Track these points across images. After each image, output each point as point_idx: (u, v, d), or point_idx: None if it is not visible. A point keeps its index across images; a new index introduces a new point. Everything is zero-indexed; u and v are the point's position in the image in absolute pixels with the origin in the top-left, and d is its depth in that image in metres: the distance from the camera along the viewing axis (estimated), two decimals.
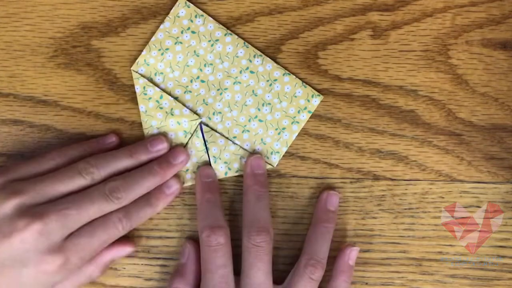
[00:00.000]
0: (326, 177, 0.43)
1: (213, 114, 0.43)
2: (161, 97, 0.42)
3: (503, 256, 0.43)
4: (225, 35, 0.42)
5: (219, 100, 0.42)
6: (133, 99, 0.43)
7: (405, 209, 0.43)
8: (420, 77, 0.43)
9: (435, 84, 0.43)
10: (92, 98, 0.43)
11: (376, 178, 0.43)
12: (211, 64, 0.42)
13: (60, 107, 0.43)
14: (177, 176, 0.42)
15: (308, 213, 0.43)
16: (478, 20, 0.43)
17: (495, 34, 0.43)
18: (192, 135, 0.42)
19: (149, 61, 0.42)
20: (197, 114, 0.42)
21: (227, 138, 0.43)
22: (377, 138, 0.43)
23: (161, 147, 0.41)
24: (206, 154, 0.43)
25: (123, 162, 0.40)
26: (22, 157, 0.43)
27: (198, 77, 0.42)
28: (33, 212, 0.36)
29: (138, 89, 0.42)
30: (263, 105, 0.43)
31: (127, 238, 0.42)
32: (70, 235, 0.37)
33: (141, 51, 0.43)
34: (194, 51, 0.42)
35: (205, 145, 0.42)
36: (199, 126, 0.42)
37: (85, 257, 0.38)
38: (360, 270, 0.43)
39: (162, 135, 0.42)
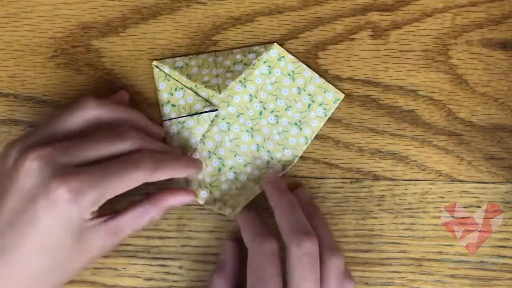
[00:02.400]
0: (326, 177, 0.43)
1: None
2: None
3: (503, 256, 0.43)
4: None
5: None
6: (133, 99, 0.43)
7: (405, 209, 0.43)
8: (420, 77, 0.43)
9: (435, 84, 0.43)
10: None
11: (376, 178, 0.43)
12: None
13: (60, 107, 0.43)
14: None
15: None
16: (478, 20, 0.43)
17: (495, 34, 0.43)
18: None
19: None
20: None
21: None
22: (377, 138, 0.43)
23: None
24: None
25: None
26: None
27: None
28: (36, 146, 0.35)
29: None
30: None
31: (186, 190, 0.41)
32: (84, 165, 0.35)
33: (141, 51, 0.43)
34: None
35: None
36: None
37: (100, 190, 0.35)
38: (360, 270, 0.43)
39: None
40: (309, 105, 0.43)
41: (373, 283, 0.43)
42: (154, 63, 0.43)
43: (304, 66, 0.43)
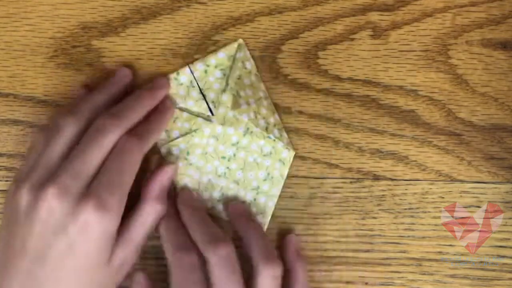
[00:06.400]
0: (326, 177, 0.43)
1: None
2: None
3: (503, 256, 0.43)
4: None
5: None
6: None
7: (405, 209, 0.43)
8: (420, 77, 0.43)
9: (435, 84, 0.43)
10: None
11: (376, 178, 0.43)
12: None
13: (60, 107, 0.43)
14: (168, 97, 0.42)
15: (308, 213, 0.43)
16: (478, 20, 0.43)
17: (495, 34, 0.43)
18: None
19: None
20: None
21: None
22: (377, 138, 0.43)
23: (125, 73, 0.42)
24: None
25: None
26: (22, 157, 0.43)
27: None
28: (42, 182, 0.36)
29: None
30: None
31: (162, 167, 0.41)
32: (92, 182, 0.36)
33: (141, 51, 0.43)
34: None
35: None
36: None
37: (117, 192, 0.36)
38: (360, 270, 0.43)
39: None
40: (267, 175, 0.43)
41: (373, 283, 0.43)
42: None
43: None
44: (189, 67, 0.42)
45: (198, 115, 0.42)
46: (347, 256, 0.43)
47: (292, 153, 0.43)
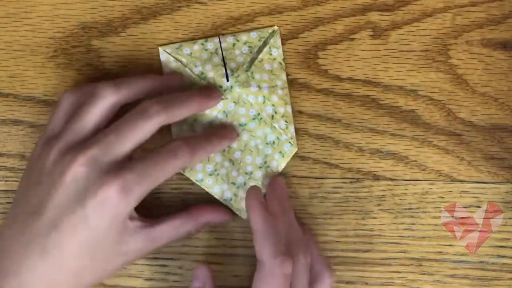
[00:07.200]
0: (326, 177, 0.43)
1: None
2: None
3: (503, 256, 0.43)
4: None
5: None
6: None
7: (405, 209, 0.43)
8: (420, 77, 0.43)
9: (435, 84, 0.43)
10: None
11: (376, 178, 0.43)
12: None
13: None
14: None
15: (308, 213, 0.43)
16: (478, 20, 0.43)
17: (495, 34, 0.43)
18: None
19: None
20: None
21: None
22: (377, 138, 0.43)
23: (175, 77, 0.42)
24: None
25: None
26: (22, 157, 0.43)
27: None
28: (74, 149, 0.36)
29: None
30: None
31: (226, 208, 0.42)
32: (123, 163, 0.36)
33: (141, 51, 0.43)
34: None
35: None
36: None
37: (145, 184, 0.36)
38: (360, 270, 0.43)
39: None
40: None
41: (373, 283, 0.43)
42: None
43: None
44: (219, 37, 0.42)
45: (214, 81, 0.42)
46: (347, 256, 0.43)
47: (294, 149, 0.43)
